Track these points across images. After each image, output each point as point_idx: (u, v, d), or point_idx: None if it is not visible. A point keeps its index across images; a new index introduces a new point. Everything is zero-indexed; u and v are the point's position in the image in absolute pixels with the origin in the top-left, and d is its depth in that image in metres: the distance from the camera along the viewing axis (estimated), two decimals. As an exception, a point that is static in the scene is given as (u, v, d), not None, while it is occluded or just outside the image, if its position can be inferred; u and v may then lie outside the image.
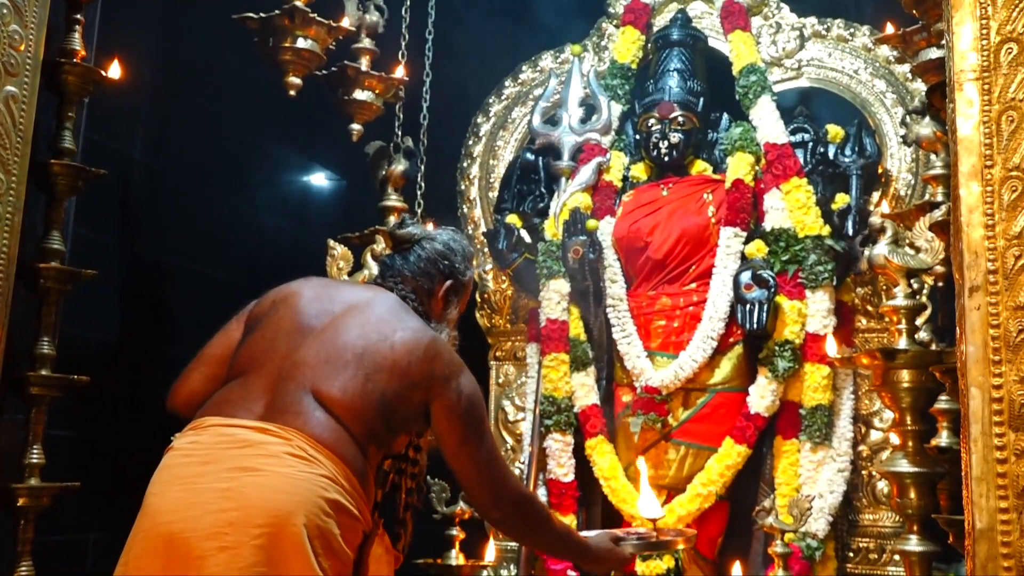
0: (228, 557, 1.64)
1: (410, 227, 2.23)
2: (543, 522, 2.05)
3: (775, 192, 3.29)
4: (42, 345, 2.57)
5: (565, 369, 3.36)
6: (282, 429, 1.78)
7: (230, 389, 1.90)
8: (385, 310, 2.01)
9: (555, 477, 3.32)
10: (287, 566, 1.66)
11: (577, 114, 3.60)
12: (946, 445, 2.42)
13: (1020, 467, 1.66)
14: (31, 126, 2.37)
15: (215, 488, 1.71)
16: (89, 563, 3.21)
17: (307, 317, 1.96)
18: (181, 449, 1.82)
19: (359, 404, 1.85)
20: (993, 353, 1.71)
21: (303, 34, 3.06)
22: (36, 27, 2.38)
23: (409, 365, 1.90)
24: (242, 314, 2.09)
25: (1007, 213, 1.72)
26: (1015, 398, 1.68)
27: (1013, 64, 1.74)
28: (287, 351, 1.90)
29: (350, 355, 1.89)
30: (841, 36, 3.52)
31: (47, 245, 2.60)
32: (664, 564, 3.11)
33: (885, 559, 3.15)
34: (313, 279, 2.13)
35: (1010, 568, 1.65)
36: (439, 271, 2.16)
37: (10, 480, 2.47)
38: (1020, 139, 1.72)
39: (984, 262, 1.72)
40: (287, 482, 1.73)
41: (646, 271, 3.39)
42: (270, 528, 1.67)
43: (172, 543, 1.68)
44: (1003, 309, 1.71)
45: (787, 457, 3.13)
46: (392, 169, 3.47)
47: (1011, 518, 1.66)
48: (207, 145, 3.77)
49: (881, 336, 3.21)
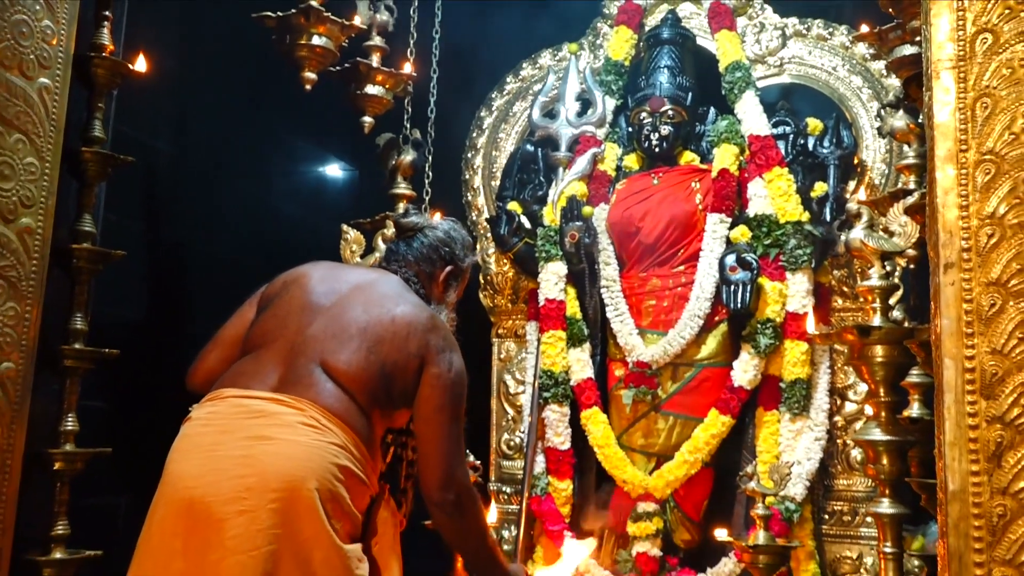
0: (247, 520, 1.64)
1: (413, 217, 2.23)
2: (478, 522, 1.96)
3: (758, 181, 3.26)
4: (75, 321, 2.55)
5: (562, 345, 3.34)
6: (295, 400, 1.77)
7: (245, 362, 1.89)
8: (388, 289, 2.00)
9: (553, 445, 3.31)
10: (301, 527, 1.67)
11: (574, 108, 3.56)
12: (917, 416, 2.41)
13: (991, 432, 1.65)
14: (63, 116, 2.35)
15: (233, 456, 1.70)
16: (121, 524, 3.19)
17: (316, 296, 1.95)
18: (200, 419, 1.81)
19: (363, 375, 1.85)
20: (966, 326, 1.68)
21: (318, 32, 3.03)
22: (67, 23, 2.35)
23: (408, 336, 1.89)
24: (254, 297, 2.08)
25: (980, 195, 1.70)
26: (987, 368, 1.66)
27: (988, 53, 1.71)
28: (298, 327, 1.89)
29: (354, 329, 1.88)
30: (820, 35, 3.48)
31: (79, 228, 2.57)
32: (654, 525, 3.11)
33: (858, 521, 3.14)
34: (322, 263, 2.12)
35: (980, 527, 1.63)
36: (440, 257, 2.16)
37: (47, 446, 2.46)
38: (994, 124, 1.69)
39: (958, 241, 1.70)
40: (300, 450, 1.72)
41: (638, 254, 3.37)
42: (285, 492, 1.67)
43: (193, 507, 1.67)
44: (976, 285, 1.69)
45: (768, 427, 3.12)
46: (401, 159, 3.44)
47: (982, 480, 1.64)
48: (227, 136, 3.73)
49: (856, 315, 3.19)
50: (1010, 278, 1.67)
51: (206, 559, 1.63)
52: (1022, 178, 1.68)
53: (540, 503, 3.26)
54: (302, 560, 1.66)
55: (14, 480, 2.20)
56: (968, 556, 1.64)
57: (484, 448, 3.61)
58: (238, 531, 1.63)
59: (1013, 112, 1.69)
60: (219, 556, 1.62)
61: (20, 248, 2.22)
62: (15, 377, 2.20)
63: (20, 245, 2.22)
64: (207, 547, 1.64)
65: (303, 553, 1.66)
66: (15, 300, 2.21)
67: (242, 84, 3.62)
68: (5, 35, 2.16)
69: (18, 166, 2.21)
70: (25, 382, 2.23)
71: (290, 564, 1.65)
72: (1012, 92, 1.70)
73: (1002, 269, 1.68)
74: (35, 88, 2.25)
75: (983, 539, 1.63)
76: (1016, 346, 1.65)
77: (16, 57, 2.19)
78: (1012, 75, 1.70)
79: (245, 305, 2.08)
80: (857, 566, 3.12)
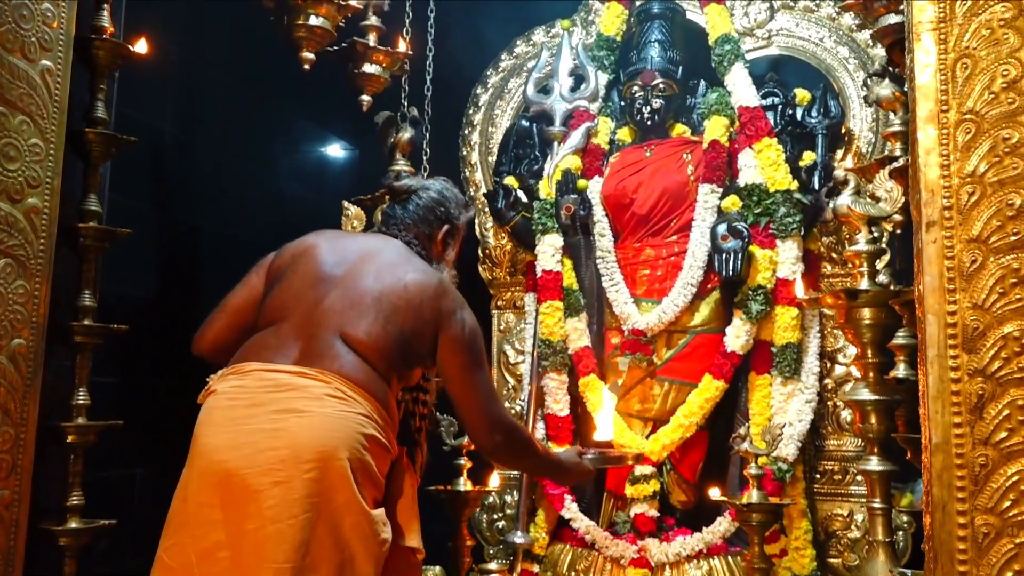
0: (282, 490, 1.67)
1: (406, 180, 2.22)
2: (529, 447, 2.06)
3: (748, 151, 3.25)
4: (84, 298, 2.55)
5: (559, 315, 3.34)
6: (320, 372, 1.79)
7: (265, 336, 1.89)
8: (395, 255, 2.00)
9: (552, 412, 3.32)
10: (334, 495, 1.70)
11: (567, 83, 3.54)
12: (903, 376, 2.42)
13: (972, 385, 1.64)
14: (66, 97, 2.33)
15: (265, 428, 1.72)
16: (136, 495, 3.21)
17: (327, 267, 1.95)
18: (226, 392, 1.81)
19: (382, 344, 1.86)
20: (948, 283, 1.68)
21: (315, 12, 3.00)
22: (67, 5, 2.33)
23: (421, 304, 1.90)
24: (260, 267, 2.06)
25: (961, 154, 1.69)
26: (968, 323, 1.66)
27: (967, 15, 1.69)
28: (314, 300, 1.89)
29: (370, 299, 1.88)
30: (807, 7, 3.45)
31: (85, 207, 2.57)
32: (651, 487, 3.12)
33: (848, 480, 3.16)
34: (326, 232, 2.11)
35: (963, 476, 1.64)
36: (436, 217, 2.16)
37: (60, 419, 2.47)
38: (973, 85, 1.68)
39: (940, 199, 1.69)
40: (330, 421, 1.74)
41: (632, 225, 3.36)
42: (318, 463, 1.69)
43: (229, 479, 1.69)
44: (957, 242, 1.68)
45: (760, 390, 3.12)
46: (399, 137, 3.42)
47: (964, 432, 1.64)
48: (230, 117, 3.71)
49: (845, 280, 3.19)
50: (990, 235, 1.67)
51: (244, 528, 1.66)
52: (1002, 137, 1.67)
53: (540, 468, 3.27)
54: (334, 526, 1.69)
55: (29, 452, 2.21)
56: (951, 505, 1.64)
57: (486, 417, 3.61)
58: (275, 501, 1.66)
59: (992, 72, 1.68)
60: (257, 525, 1.65)
61: (28, 227, 2.22)
62: (27, 353, 2.20)
63: (27, 224, 2.22)
64: (245, 517, 1.66)
65: (335, 519, 1.69)
66: (24, 278, 2.20)
67: (243, 66, 3.60)
68: (6, 18, 2.14)
69: (23, 147, 2.20)
70: (37, 358, 2.23)
71: (324, 530, 1.68)
72: (991, 52, 1.68)
73: (983, 226, 1.67)
74: (37, 70, 2.24)
75: (966, 488, 1.64)
76: (996, 301, 1.65)
77: (18, 40, 2.18)
78: (991, 35, 1.68)
79: (252, 275, 2.07)
80: (848, 523, 3.13)
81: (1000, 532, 1.61)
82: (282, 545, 1.63)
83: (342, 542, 1.69)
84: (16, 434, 2.18)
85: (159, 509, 1.77)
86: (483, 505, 3.49)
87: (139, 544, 2.91)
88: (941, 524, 1.65)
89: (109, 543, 2.66)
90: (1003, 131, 1.67)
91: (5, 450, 2.14)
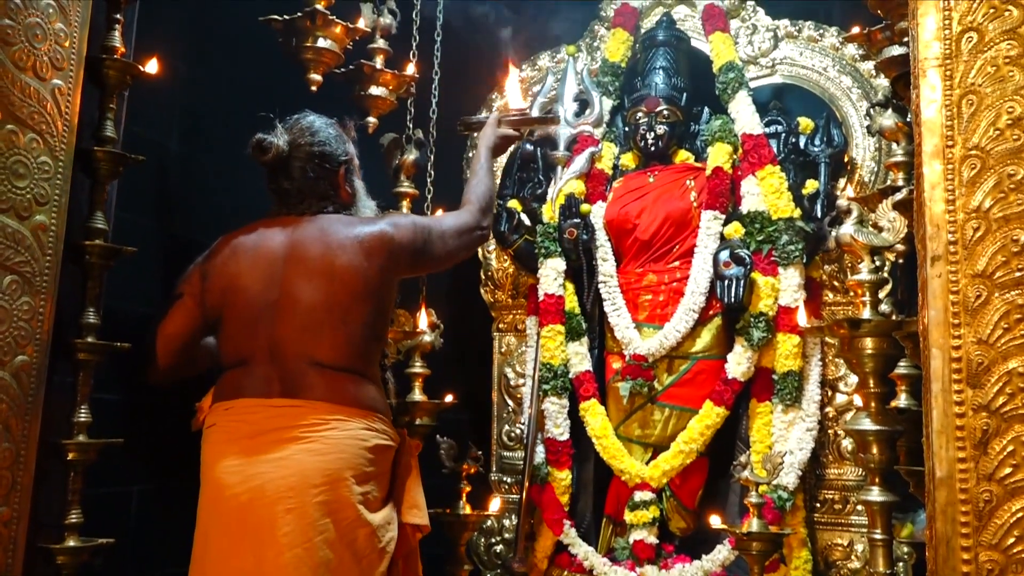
0: (295, 516, 1.71)
1: (269, 139, 2.04)
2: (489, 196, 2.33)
3: (751, 179, 3.26)
4: (88, 315, 2.54)
5: (561, 339, 3.34)
6: (307, 403, 1.80)
7: (239, 376, 1.89)
8: (312, 240, 1.94)
9: (552, 436, 3.30)
10: (345, 514, 1.75)
11: (572, 108, 3.54)
12: (905, 406, 2.41)
13: (977, 420, 1.64)
14: (75, 116, 2.34)
15: (270, 459, 1.75)
16: (134, 512, 3.19)
17: (260, 296, 1.92)
18: (226, 427, 1.83)
19: (351, 349, 1.86)
20: (953, 317, 1.68)
21: (323, 35, 3.02)
22: (80, 26, 2.34)
23: (366, 277, 1.89)
24: (190, 288, 2.09)
25: (966, 189, 1.69)
26: (972, 358, 1.66)
27: (973, 52, 1.70)
28: (266, 336, 1.88)
29: (320, 313, 1.86)
30: (811, 37, 3.47)
31: (92, 225, 2.56)
32: (650, 514, 3.10)
33: (848, 509, 3.14)
34: (236, 243, 2.04)
35: (967, 512, 1.63)
36: (327, 168, 2.06)
37: (61, 437, 2.45)
38: (979, 121, 1.69)
39: (945, 234, 1.69)
40: (332, 444, 1.77)
41: (634, 250, 3.37)
42: (326, 487, 1.74)
43: (242, 513, 1.72)
44: (962, 277, 1.68)
45: (761, 418, 3.12)
46: (404, 158, 3.43)
47: (968, 467, 1.63)
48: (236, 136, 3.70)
49: (846, 308, 3.19)
50: (995, 270, 1.67)
51: (264, 556, 1.69)
52: (1007, 173, 1.67)
53: (540, 492, 3.26)
54: (350, 541, 1.75)
55: (29, 470, 2.19)
56: (955, 541, 1.63)
57: (485, 439, 3.61)
58: (289, 528, 1.69)
59: (998, 109, 1.69)
60: (275, 552, 1.68)
61: (34, 244, 2.21)
62: (29, 370, 2.19)
63: (34, 241, 2.21)
64: (262, 546, 1.70)
65: (349, 535, 1.75)
66: (29, 295, 2.20)
67: (251, 86, 3.60)
68: (20, 37, 2.15)
69: (32, 165, 2.20)
70: (39, 375, 2.22)
71: (341, 546, 1.73)
72: (996, 89, 1.69)
73: (987, 261, 1.67)
74: (48, 89, 2.25)
75: (970, 524, 1.63)
76: (1001, 336, 1.64)
77: (30, 59, 2.19)
78: (996, 72, 1.69)
79: (185, 297, 2.10)
80: (848, 553, 3.11)
81: (1004, 569, 1.60)
82: (301, 568, 1.67)
83: (359, 553, 1.75)
84: (17, 451, 2.16)
85: (156, 527, 1.77)
86: (481, 529, 3.47)
87: (136, 562, 2.90)
88: (945, 560, 1.64)
89: (106, 561, 2.63)
90: (1008, 167, 1.68)
91: (5, 467, 2.13)
